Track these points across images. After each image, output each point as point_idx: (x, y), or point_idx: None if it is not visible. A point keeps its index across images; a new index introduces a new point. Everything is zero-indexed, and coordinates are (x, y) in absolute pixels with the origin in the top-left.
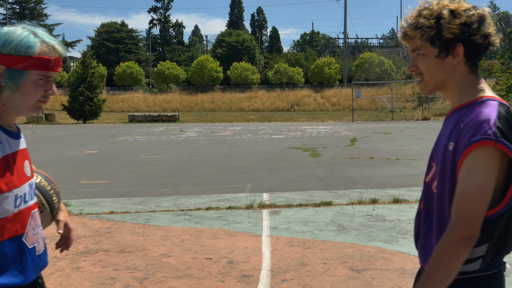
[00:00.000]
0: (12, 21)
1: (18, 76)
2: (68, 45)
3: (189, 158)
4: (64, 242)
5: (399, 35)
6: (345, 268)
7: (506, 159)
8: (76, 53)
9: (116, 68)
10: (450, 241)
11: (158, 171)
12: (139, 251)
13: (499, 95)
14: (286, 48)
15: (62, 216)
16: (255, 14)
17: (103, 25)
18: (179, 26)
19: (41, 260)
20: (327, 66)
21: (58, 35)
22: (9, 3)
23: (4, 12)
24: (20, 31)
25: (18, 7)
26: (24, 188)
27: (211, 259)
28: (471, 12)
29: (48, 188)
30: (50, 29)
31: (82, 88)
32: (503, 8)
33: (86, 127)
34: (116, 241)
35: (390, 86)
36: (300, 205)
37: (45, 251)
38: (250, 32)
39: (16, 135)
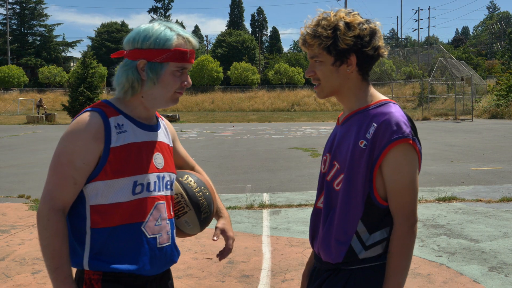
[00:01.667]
0: (12, 21)
1: (158, 69)
2: (68, 45)
3: None
4: (223, 250)
5: (299, 41)
6: None
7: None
8: (76, 53)
9: (116, 68)
10: (401, 233)
11: None
12: None
13: (499, 95)
14: (286, 48)
15: (221, 223)
16: (255, 14)
17: (103, 25)
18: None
19: (165, 254)
20: None
21: (58, 35)
22: (9, 3)
23: (4, 12)
24: (157, 27)
25: (18, 7)
26: (149, 178)
27: (211, 259)
28: (364, 26)
29: (196, 190)
30: (50, 29)
31: (82, 88)
32: (503, 8)
33: None
34: None
35: (390, 86)
36: (300, 205)
37: (171, 246)
38: (250, 32)
39: (148, 127)
